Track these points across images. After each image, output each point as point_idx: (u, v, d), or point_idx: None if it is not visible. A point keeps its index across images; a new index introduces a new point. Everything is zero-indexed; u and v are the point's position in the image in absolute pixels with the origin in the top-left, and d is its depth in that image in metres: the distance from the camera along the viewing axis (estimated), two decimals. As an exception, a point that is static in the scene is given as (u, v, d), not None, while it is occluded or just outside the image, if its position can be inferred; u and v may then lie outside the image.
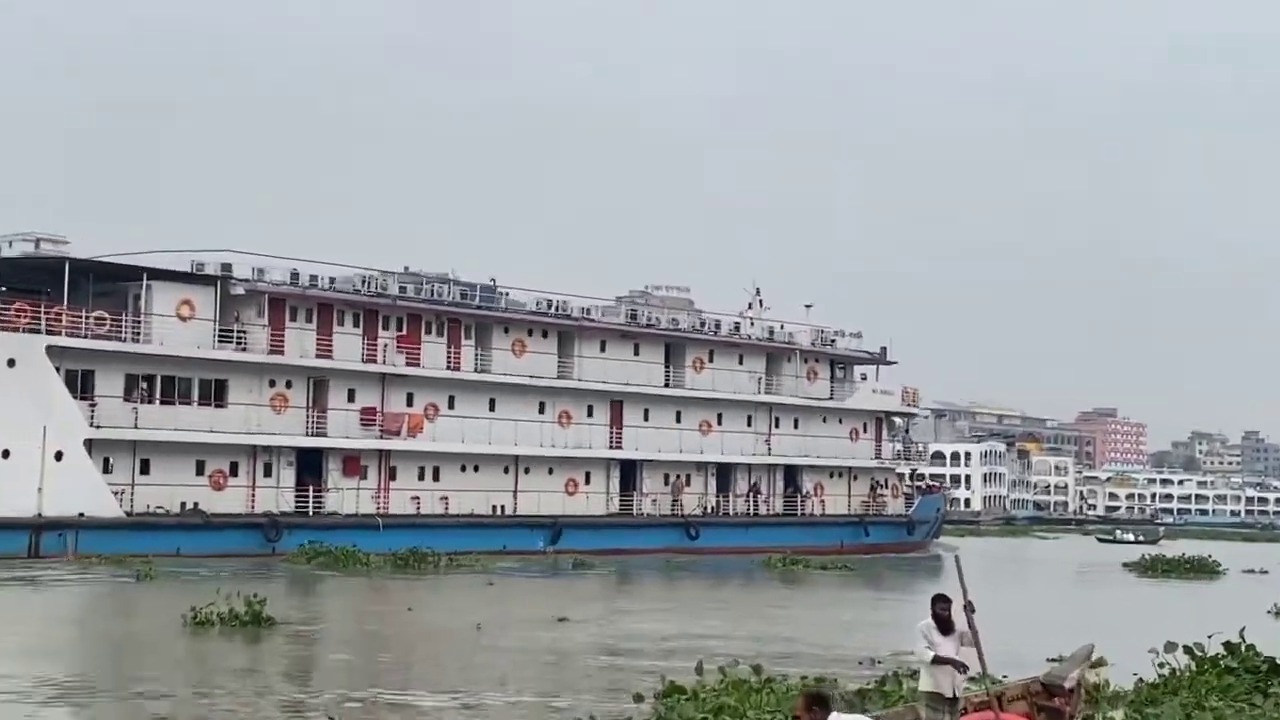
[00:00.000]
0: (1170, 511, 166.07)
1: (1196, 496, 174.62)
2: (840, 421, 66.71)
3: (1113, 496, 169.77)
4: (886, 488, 68.64)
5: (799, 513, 63.57)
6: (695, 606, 36.18)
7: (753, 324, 65.39)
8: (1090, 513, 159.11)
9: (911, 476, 72.85)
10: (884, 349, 69.33)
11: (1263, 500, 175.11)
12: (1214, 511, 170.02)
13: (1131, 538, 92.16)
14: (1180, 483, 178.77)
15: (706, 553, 55.66)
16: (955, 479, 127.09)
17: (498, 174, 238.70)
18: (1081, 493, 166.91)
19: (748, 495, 62.23)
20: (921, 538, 69.10)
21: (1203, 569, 54.93)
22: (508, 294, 57.25)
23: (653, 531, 57.04)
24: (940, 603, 13.19)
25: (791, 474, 64.77)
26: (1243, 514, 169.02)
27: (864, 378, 69.19)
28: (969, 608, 13.11)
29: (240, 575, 37.63)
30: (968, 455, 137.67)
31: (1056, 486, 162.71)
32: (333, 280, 50.94)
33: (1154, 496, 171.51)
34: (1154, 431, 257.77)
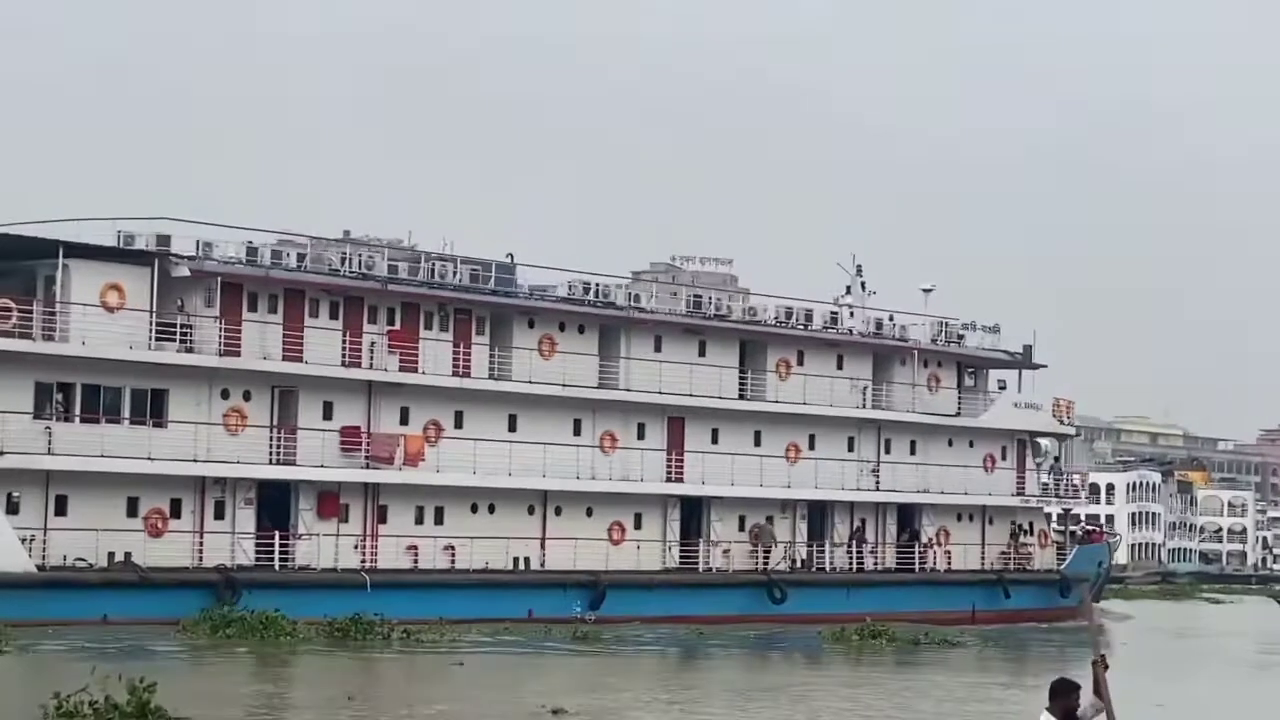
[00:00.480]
0: None
1: None
2: (971, 445, 67.31)
3: None
4: (1032, 534, 69.16)
5: (917, 567, 64.14)
6: (747, 693, 36.54)
7: (852, 314, 65.96)
8: (1277, 566, 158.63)
9: (1064, 519, 73.27)
10: (1028, 348, 69.87)
11: None
12: None
13: None
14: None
15: (796, 621, 56.12)
16: (1093, 520, 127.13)
17: (462, 122, 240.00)
18: (1265, 539, 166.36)
19: (849, 544, 62.83)
20: (1078, 601, 69.43)
21: None
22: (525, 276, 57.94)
23: (724, 593, 57.71)
24: (1062, 694, 13.33)
25: (906, 515, 65.37)
26: None
27: (1002, 386, 69.70)
28: (1101, 663, 13.42)
29: (138, 651, 38.25)
30: (1110, 488, 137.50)
31: (1231, 531, 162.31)
32: (302, 257, 51.65)
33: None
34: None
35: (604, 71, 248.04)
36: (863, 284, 67.76)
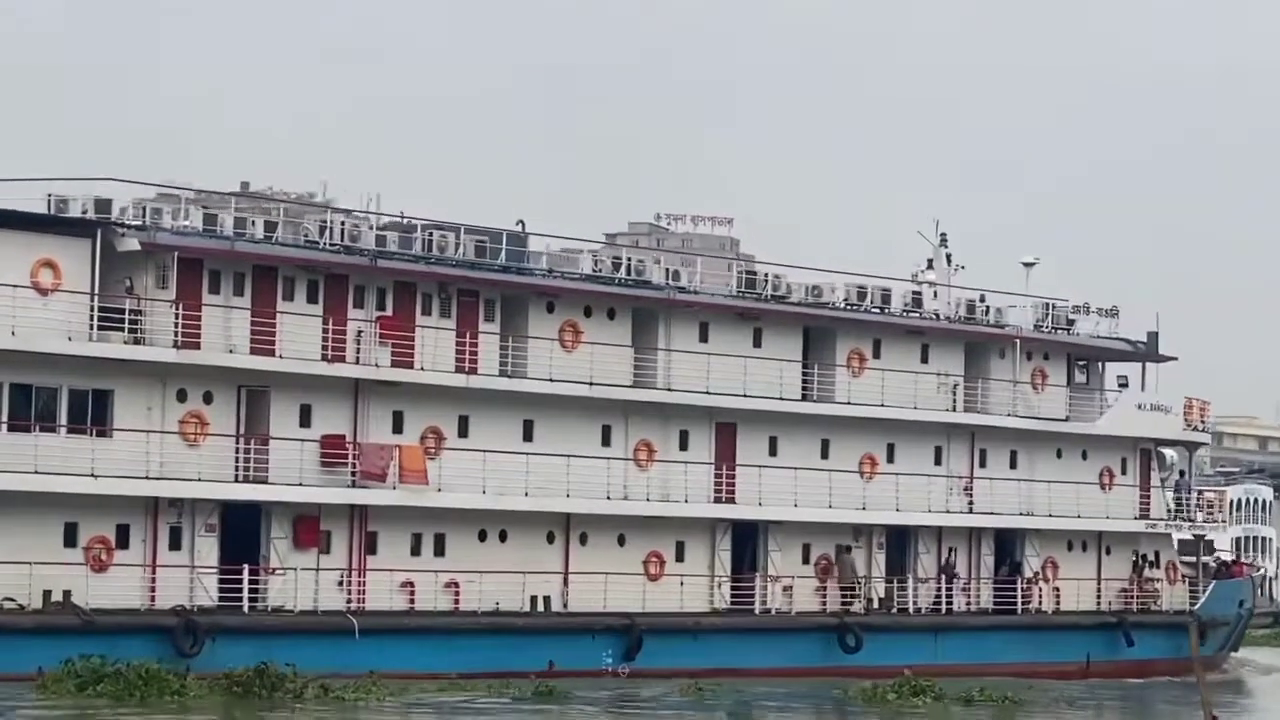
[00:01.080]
0: None
1: None
2: (1084, 457, 68.82)
3: None
4: (1159, 566, 70.59)
5: (1020, 608, 65.64)
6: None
7: (935, 294, 67.37)
8: None
9: (1197, 548, 74.66)
10: (1153, 335, 71.23)
11: None
12: None
13: None
14: None
15: (873, 675, 57.28)
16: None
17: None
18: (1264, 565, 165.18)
19: (938, 578, 64.34)
20: (1214, 651, 70.95)
21: None
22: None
23: (787, 640, 59.32)
24: None
25: (1006, 544, 66.87)
26: None
27: (1123, 383, 71.11)
28: None
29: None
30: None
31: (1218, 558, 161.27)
32: (271, 226, 53.00)
33: None
34: None
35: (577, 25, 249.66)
36: (948, 257, 69.25)
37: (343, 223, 54.16)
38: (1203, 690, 13.94)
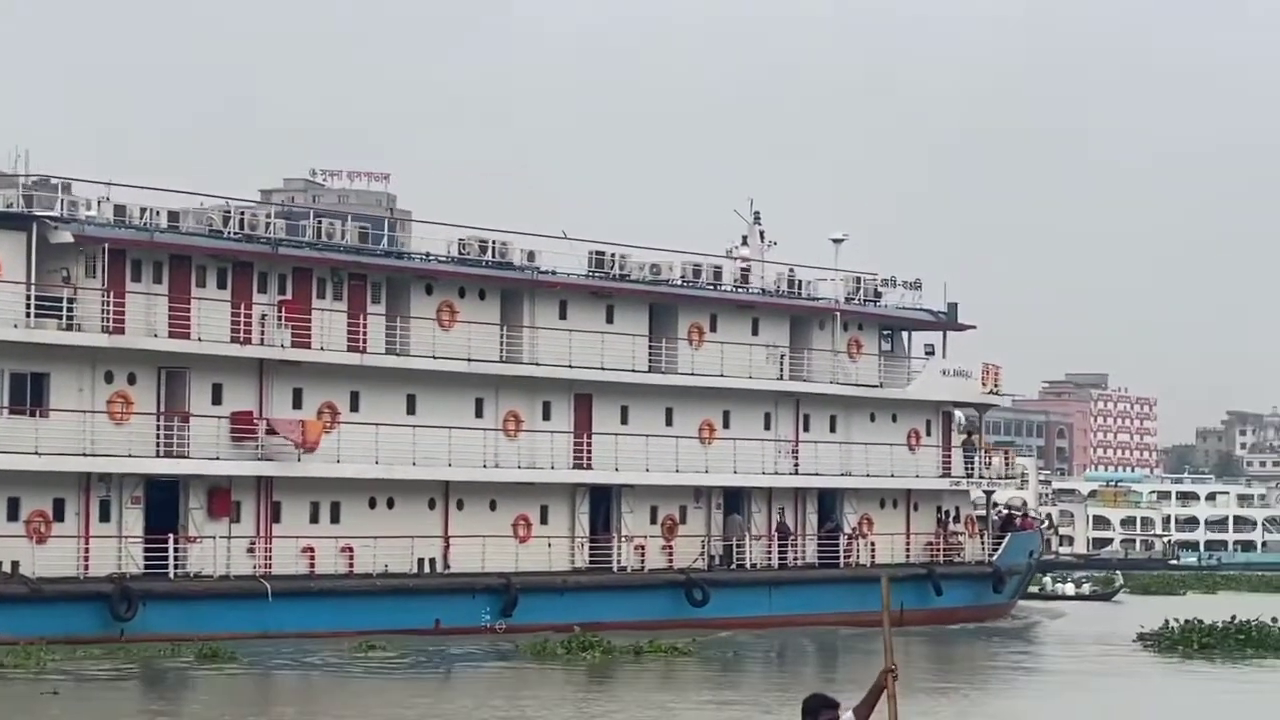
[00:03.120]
0: (1194, 545, 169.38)
1: (1236, 520, 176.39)
2: (894, 420, 74.93)
3: (1099, 522, 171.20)
4: (959, 521, 76.96)
5: (841, 562, 71.70)
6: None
7: (749, 270, 72.77)
8: (1063, 550, 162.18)
9: (988, 503, 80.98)
10: (953, 306, 77.40)
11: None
12: (1267, 544, 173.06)
13: (1073, 590, 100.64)
14: (1211, 497, 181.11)
15: (718, 626, 63.11)
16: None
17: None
18: (1050, 516, 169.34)
19: (769, 535, 70.18)
20: (1009, 597, 77.52)
21: (1266, 643, 59.93)
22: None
23: (641, 596, 64.67)
24: (817, 714, 14.84)
25: (827, 502, 72.93)
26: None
27: (929, 351, 77.21)
28: (889, 675, 15.56)
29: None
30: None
31: (1009, 507, 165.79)
32: (176, 217, 57.24)
33: (1168, 521, 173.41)
34: (1170, 414, 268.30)
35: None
36: (761, 233, 74.69)
37: (241, 212, 58.49)
38: (887, 639, 16.11)
